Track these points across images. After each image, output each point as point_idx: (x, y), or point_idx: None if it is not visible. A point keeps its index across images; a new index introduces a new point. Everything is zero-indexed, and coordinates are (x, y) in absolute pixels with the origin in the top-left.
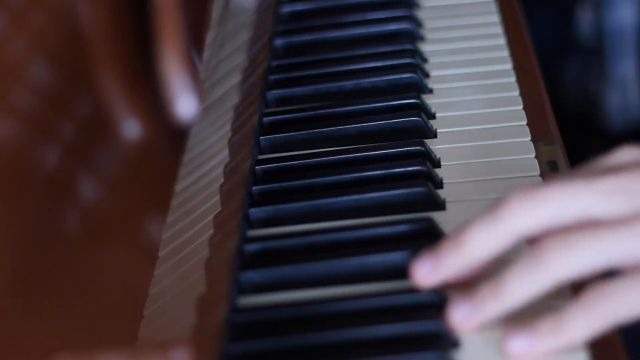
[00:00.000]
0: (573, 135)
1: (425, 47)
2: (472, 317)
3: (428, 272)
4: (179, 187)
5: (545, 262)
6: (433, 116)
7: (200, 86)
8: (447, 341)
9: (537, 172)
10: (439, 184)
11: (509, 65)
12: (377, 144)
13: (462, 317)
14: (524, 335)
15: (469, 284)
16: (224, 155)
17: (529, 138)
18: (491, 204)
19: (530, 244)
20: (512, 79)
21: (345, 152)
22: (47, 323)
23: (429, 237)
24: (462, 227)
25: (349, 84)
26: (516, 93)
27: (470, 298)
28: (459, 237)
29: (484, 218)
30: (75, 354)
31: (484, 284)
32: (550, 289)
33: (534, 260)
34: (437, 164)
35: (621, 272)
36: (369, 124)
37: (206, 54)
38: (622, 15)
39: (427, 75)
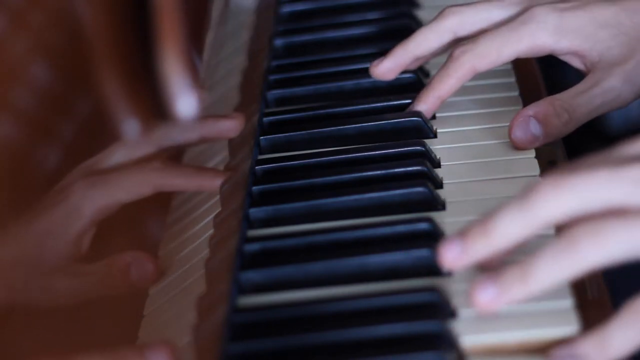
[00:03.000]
0: (573, 136)
1: None
2: (498, 300)
3: (456, 256)
4: None
5: (576, 249)
6: (433, 116)
7: (200, 86)
8: (447, 341)
9: (537, 172)
10: (439, 184)
11: (509, 65)
12: (377, 144)
13: (488, 298)
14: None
15: (491, 265)
16: (224, 155)
17: None
18: (521, 191)
19: (559, 231)
20: (512, 79)
21: (345, 152)
22: (48, 323)
23: (428, 237)
24: (491, 212)
25: (349, 84)
26: (516, 93)
27: (496, 280)
28: (488, 223)
29: (514, 205)
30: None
31: (511, 268)
32: (578, 276)
33: (565, 247)
34: (437, 164)
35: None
36: (369, 124)
37: (206, 54)
38: None
39: (427, 75)
